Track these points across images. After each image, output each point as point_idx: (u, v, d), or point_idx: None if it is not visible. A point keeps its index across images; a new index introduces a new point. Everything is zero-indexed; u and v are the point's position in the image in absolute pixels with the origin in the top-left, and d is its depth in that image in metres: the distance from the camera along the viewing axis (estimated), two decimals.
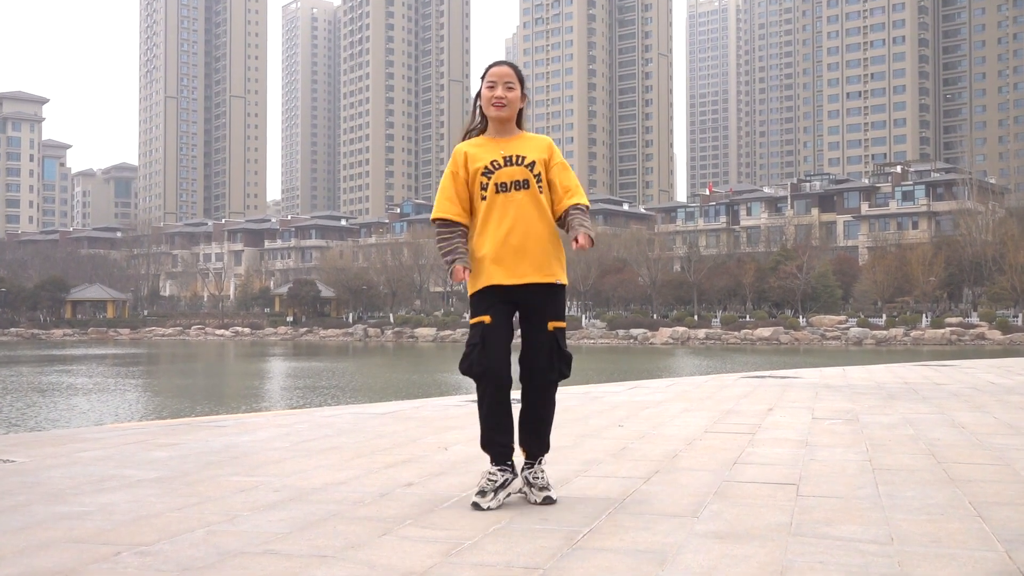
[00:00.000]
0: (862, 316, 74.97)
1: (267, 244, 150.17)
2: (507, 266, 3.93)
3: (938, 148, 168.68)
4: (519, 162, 3.99)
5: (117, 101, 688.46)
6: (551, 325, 3.99)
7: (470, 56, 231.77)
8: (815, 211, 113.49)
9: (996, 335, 66.03)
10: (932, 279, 76.30)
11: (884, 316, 74.67)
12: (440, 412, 7.72)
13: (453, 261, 3.91)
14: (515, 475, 4.00)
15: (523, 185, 3.97)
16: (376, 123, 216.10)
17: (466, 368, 3.95)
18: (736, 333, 73.57)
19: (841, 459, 5.15)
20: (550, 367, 3.99)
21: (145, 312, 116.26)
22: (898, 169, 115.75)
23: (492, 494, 3.87)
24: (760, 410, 7.87)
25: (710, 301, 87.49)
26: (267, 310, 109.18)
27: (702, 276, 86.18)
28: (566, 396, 9.50)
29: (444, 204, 4.01)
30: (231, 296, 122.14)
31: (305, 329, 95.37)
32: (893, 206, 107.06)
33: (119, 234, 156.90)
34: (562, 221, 4.06)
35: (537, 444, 4.04)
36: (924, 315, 72.94)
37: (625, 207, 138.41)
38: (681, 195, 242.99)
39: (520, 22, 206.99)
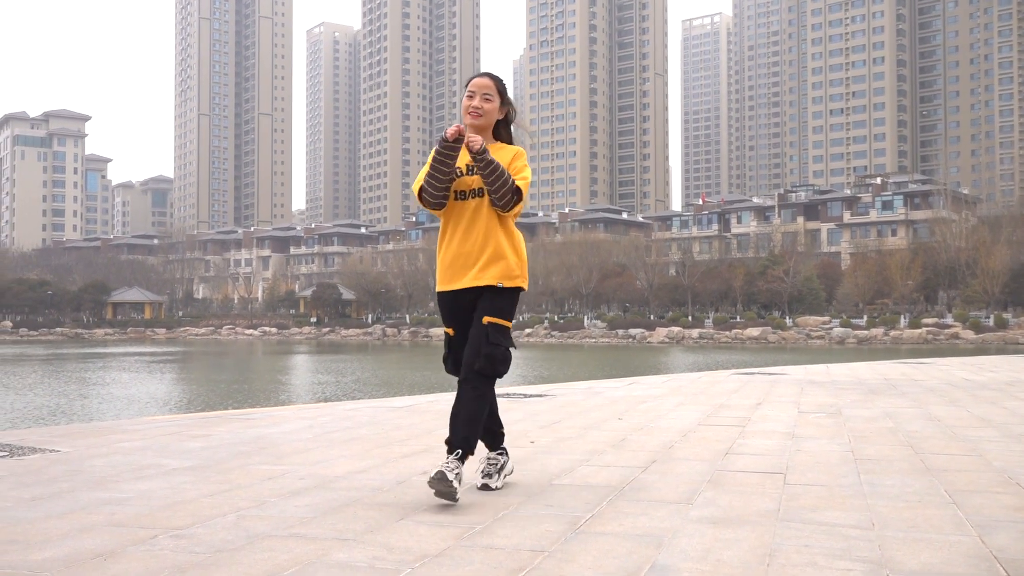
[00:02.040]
0: (845, 317, 74.83)
1: (292, 250, 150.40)
2: (453, 272, 3.85)
3: (915, 160, 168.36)
4: (474, 169, 3.83)
5: (154, 118, 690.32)
6: (486, 319, 3.77)
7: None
8: (800, 219, 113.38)
9: (969, 335, 65.87)
10: (910, 283, 76.16)
11: (865, 317, 74.54)
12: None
13: (441, 137, 3.68)
14: (508, 456, 4.08)
15: (478, 193, 3.82)
16: (393, 138, 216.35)
17: (449, 369, 4.00)
18: (727, 333, 73.46)
19: (825, 450, 5.14)
20: (474, 358, 3.74)
21: (180, 313, 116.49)
22: (878, 180, 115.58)
23: (497, 475, 3.94)
24: (750, 404, 7.85)
25: (703, 303, 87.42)
26: (292, 311, 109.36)
27: (695, 280, 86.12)
28: (570, 392, 9.50)
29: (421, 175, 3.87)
30: (259, 298, 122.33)
31: (327, 329, 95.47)
32: (873, 215, 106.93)
33: (156, 241, 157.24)
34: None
35: (458, 438, 3.71)
36: (902, 316, 72.78)
37: (624, 216, 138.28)
38: (676, 204, 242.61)
39: (527, 44, 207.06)
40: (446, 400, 8.34)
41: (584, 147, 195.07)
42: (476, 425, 3.77)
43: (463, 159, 3.86)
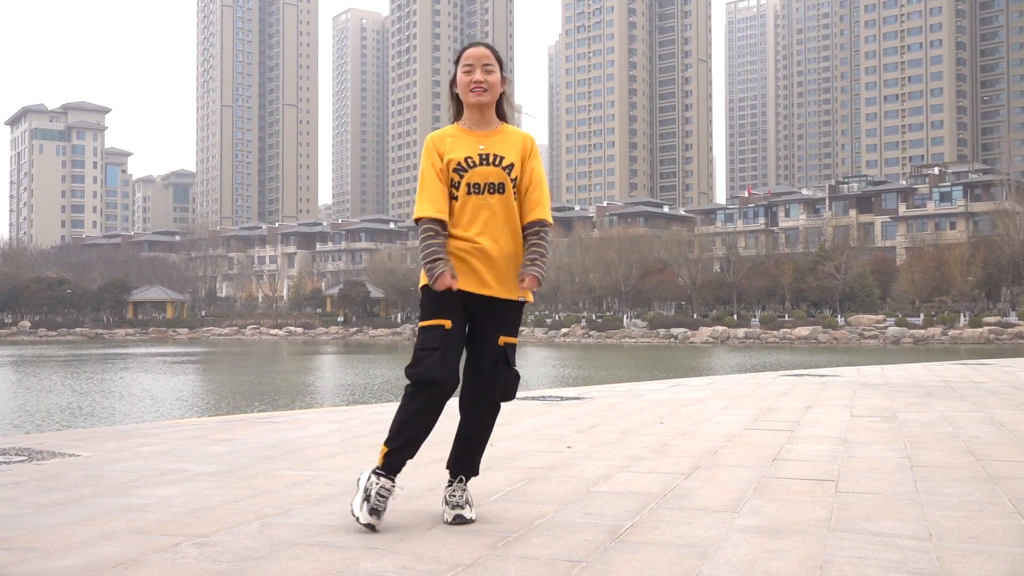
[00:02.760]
0: (900, 315, 74.07)
1: (319, 247, 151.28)
2: (471, 274, 3.50)
3: (976, 149, 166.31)
4: (496, 162, 3.53)
5: (175, 110, 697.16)
6: (502, 340, 3.55)
7: (514, 64, 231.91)
8: (853, 212, 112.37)
9: None
10: (970, 279, 75.21)
11: (922, 315, 73.73)
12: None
13: (440, 270, 3.44)
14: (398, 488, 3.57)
15: (498, 189, 3.52)
16: (422, 129, 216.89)
17: (417, 373, 3.48)
18: (775, 332, 72.97)
19: (880, 456, 5.10)
20: (493, 385, 3.55)
21: (202, 312, 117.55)
22: (936, 170, 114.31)
23: (382, 512, 3.43)
24: (799, 407, 7.81)
25: (749, 301, 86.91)
26: (319, 310, 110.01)
27: (741, 276, 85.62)
28: (608, 394, 9.49)
29: (426, 204, 3.53)
30: (284, 297, 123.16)
31: (355, 329, 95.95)
32: (931, 207, 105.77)
33: (178, 238, 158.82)
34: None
35: (468, 465, 3.65)
36: (962, 314, 71.92)
37: (665, 209, 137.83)
38: (720, 197, 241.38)
39: (562, 29, 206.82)
40: None
41: (623, 137, 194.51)
42: (484, 448, 3.74)
43: (474, 148, 3.56)
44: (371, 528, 3.36)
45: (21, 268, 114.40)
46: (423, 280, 3.55)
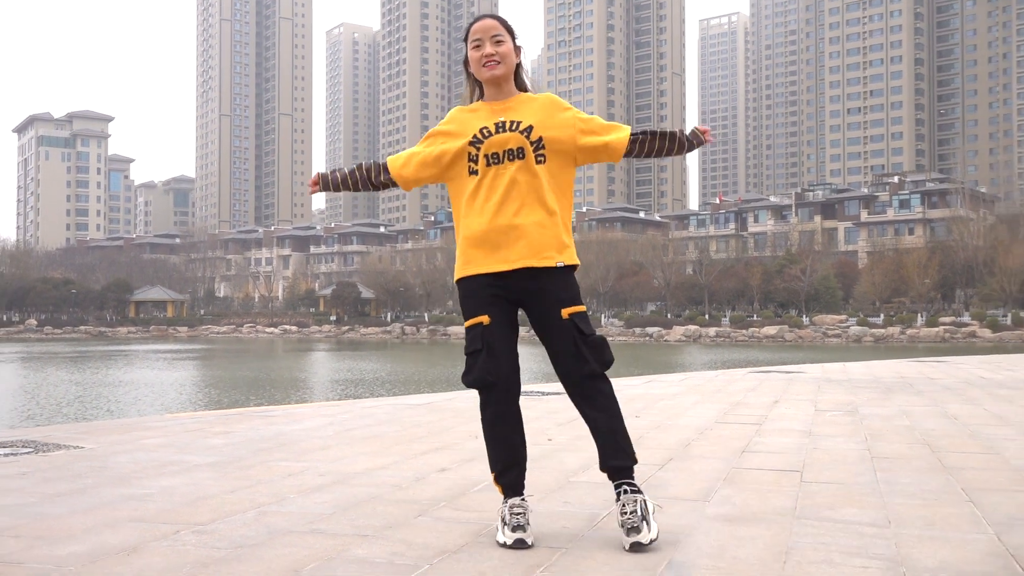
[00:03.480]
0: (861, 315, 74.41)
1: (312, 249, 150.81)
2: (495, 250, 3.07)
3: (933, 159, 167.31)
4: (513, 128, 3.12)
5: (176, 119, 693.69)
6: (565, 312, 3.06)
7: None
8: (818, 218, 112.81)
9: (987, 333, 65.37)
10: (927, 281, 75.66)
11: (882, 315, 74.10)
12: (471, 403, 7.72)
13: (325, 174, 3.33)
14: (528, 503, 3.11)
15: (517, 154, 3.09)
16: (412, 137, 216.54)
17: (472, 380, 3.09)
18: (744, 331, 73.21)
19: (842, 448, 5.12)
20: (582, 363, 3.04)
21: (202, 311, 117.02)
22: (895, 179, 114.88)
23: (527, 527, 2.98)
24: (766, 402, 7.83)
25: (720, 302, 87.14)
26: (312, 310, 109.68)
27: (713, 279, 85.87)
28: None
29: (403, 157, 3.31)
30: (280, 297, 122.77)
31: (347, 327, 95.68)
32: (891, 213, 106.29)
33: (178, 240, 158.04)
34: (630, 152, 3.23)
35: (615, 455, 3.04)
36: (919, 315, 72.32)
37: (641, 215, 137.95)
38: (693, 203, 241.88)
39: (545, 44, 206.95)
40: (464, 398, 8.35)
41: None
42: (624, 425, 3.12)
43: (491, 119, 3.18)
44: (522, 543, 2.91)
45: (28, 269, 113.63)
46: (455, 274, 3.20)
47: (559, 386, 10.02)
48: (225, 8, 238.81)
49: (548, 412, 7.07)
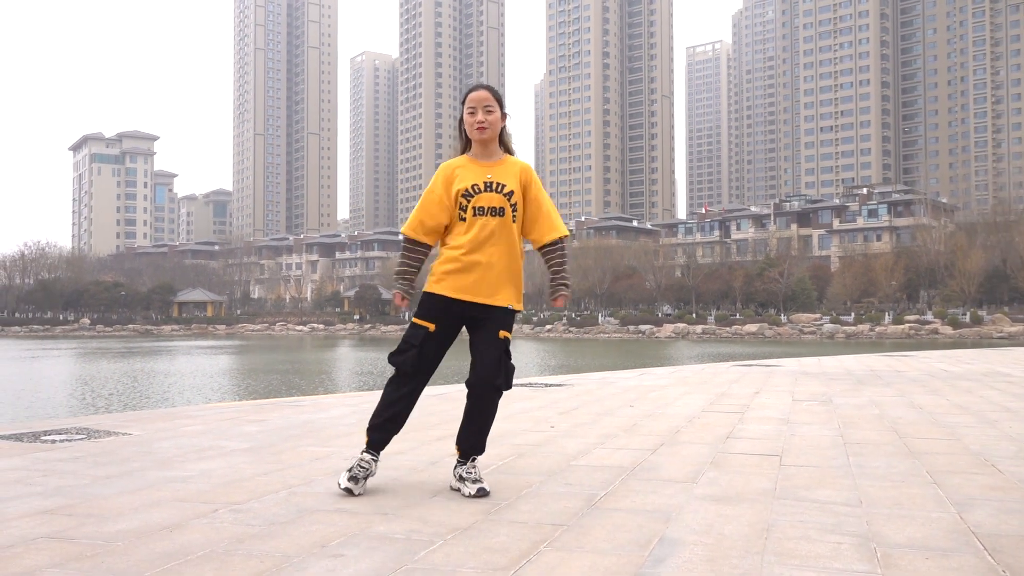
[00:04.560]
0: (834, 314, 74.24)
1: (338, 255, 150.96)
2: (465, 283, 3.46)
3: (898, 172, 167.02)
4: (499, 189, 3.49)
5: (215, 137, 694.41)
6: (502, 334, 3.48)
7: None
8: (794, 226, 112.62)
9: (948, 330, 65.15)
10: (893, 283, 75.53)
11: (853, 314, 73.90)
12: None
13: (397, 287, 3.59)
14: (377, 466, 3.57)
15: (498, 212, 3.47)
16: (427, 154, 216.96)
17: (398, 363, 3.52)
18: (728, 328, 73.08)
19: (817, 434, 5.10)
20: (498, 372, 3.46)
21: (238, 311, 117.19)
22: (864, 190, 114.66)
23: (363, 481, 3.45)
24: (748, 393, 7.81)
25: (706, 302, 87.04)
26: (337, 309, 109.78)
27: (699, 281, 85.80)
28: (585, 381, 9.48)
29: (414, 223, 3.59)
30: (308, 298, 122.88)
31: (369, 326, 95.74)
32: (860, 222, 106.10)
33: (216, 247, 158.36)
34: (542, 249, 3.64)
35: (474, 445, 3.52)
36: (887, 313, 72.14)
37: (634, 223, 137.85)
38: (681, 213, 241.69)
39: (546, 70, 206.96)
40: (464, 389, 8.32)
41: (598, 161, 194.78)
42: (490, 428, 3.60)
43: (480, 177, 3.52)
44: (349, 492, 3.39)
45: (82, 273, 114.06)
46: (426, 286, 3.56)
47: (560, 379, 10.01)
48: (259, 38, 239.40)
49: (551, 402, 7.06)
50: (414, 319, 3.53)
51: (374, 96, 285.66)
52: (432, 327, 3.50)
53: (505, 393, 3.75)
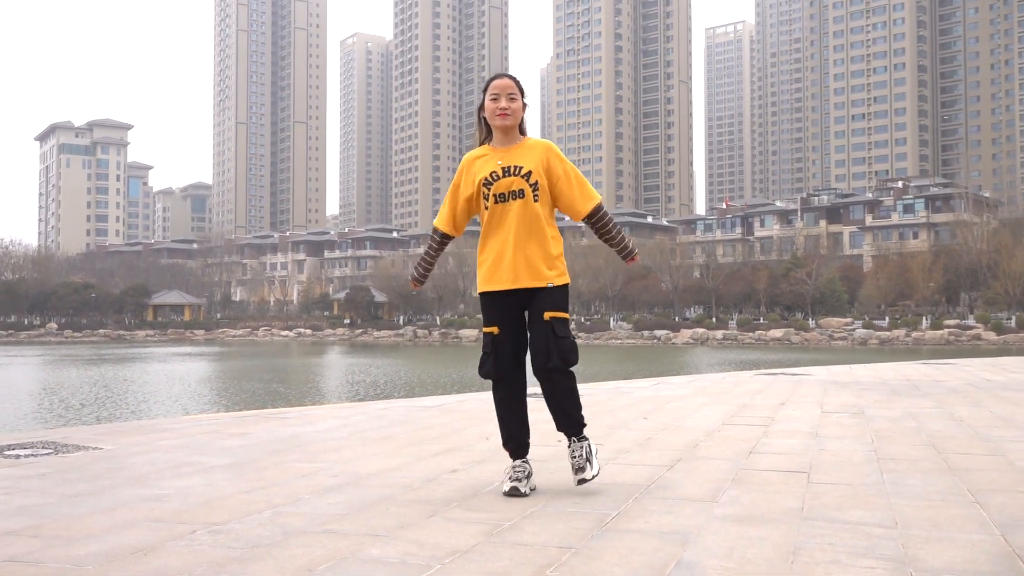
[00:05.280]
0: (867, 318, 74.18)
1: (326, 254, 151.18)
2: (501, 273, 3.81)
3: (936, 164, 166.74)
4: (516, 172, 3.81)
5: (193, 126, 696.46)
6: (547, 315, 3.77)
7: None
8: (823, 223, 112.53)
9: (991, 336, 65.08)
10: (931, 285, 75.45)
11: (887, 318, 73.86)
12: (483, 405, 7.72)
13: (410, 274, 4.03)
14: (530, 467, 3.93)
15: (518, 195, 3.80)
16: (424, 144, 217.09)
17: (484, 374, 3.88)
18: (751, 334, 73.06)
19: (849, 449, 5.09)
20: (548, 358, 3.75)
21: (218, 315, 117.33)
22: (899, 184, 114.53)
23: (526, 480, 3.80)
24: (773, 404, 7.80)
25: (727, 305, 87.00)
26: (326, 313, 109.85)
27: (719, 282, 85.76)
28: (597, 391, 9.48)
29: (441, 217, 4.02)
30: (294, 301, 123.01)
31: (360, 331, 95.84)
32: (895, 218, 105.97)
33: (195, 245, 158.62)
34: (591, 220, 3.96)
35: (565, 423, 3.85)
36: (924, 317, 72.05)
37: (649, 220, 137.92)
38: (700, 208, 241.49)
39: (554, 53, 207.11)
40: (476, 400, 8.34)
41: (610, 152, 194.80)
42: (578, 403, 3.88)
43: (494, 163, 3.86)
44: (516, 491, 3.74)
45: (49, 274, 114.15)
46: (478, 287, 3.93)
47: None
48: (242, 19, 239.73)
49: None
50: (483, 328, 3.91)
51: (366, 82, 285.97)
52: (496, 330, 3.85)
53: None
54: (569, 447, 3.86)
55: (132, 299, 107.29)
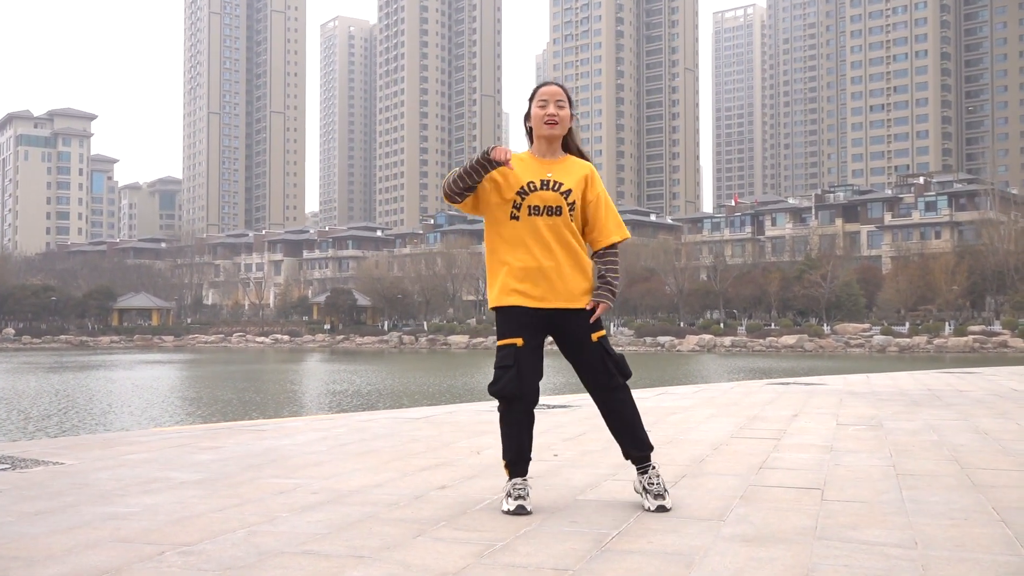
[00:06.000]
0: (885, 324, 74.29)
1: (305, 254, 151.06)
2: (535, 291, 3.86)
3: (960, 159, 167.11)
4: (556, 188, 3.89)
5: (162, 117, 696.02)
6: (595, 336, 3.91)
7: (501, 72, 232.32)
8: (839, 221, 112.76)
9: (1019, 343, 65.20)
10: (955, 288, 75.59)
11: (907, 324, 73.97)
12: (473, 417, 7.73)
13: (489, 149, 3.77)
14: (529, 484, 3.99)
15: (555, 212, 3.87)
16: (411, 137, 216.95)
17: (498, 390, 3.86)
18: (761, 340, 73.13)
19: (865, 464, 5.11)
20: (610, 376, 3.90)
21: (188, 320, 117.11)
22: (921, 180, 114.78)
23: (527, 497, 3.83)
24: (785, 416, 7.82)
25: (736, 309, 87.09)
26: (305, 318, 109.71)
27: (728, 285, 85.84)
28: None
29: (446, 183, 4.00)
30: (271, 304, 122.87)
31: (342, 336, 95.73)
32: (916, 216, 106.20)
33: (164, 245, 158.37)
34: (599, 254, 4.08)
35: (636, 446, 3.94)
36: (947, 323, 72.18)
37: (652, 217, 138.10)
38: (707, 206, 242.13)
39: (550, 38, 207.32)
40: (465, 411, 8.34)
41: (610, 146, 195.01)
42: (643, 425, 4.01)
43: (538, 174, 3.91)
44: (522, 509, 3.77)
45: (5, 275, 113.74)
46: (492, 301, 3.95)
47: (564, 399, 10.02)
48: (214, 0, 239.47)
49: (554, 426, 7.07)
50: (499, 342, 3.91)
51: (348, 69, 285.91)
52: (520, 342, 3.86)
53: (498, 417, 3.95)
54: (645, 474, 3.92)
55: (96, 302, 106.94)
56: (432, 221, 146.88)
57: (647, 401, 9.57)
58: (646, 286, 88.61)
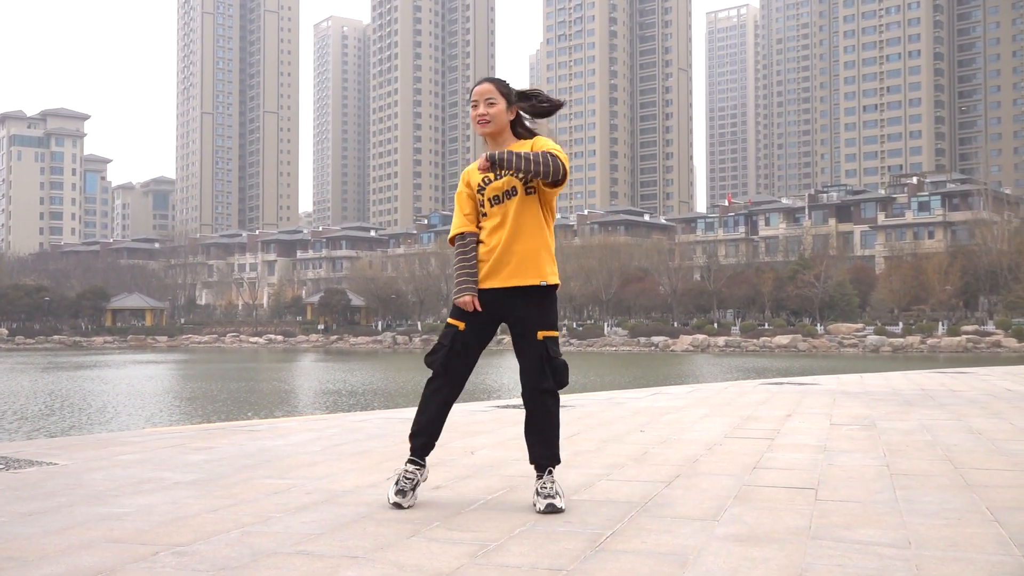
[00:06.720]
0: (879, 324, 74.44)
1: (299, 254, 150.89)
2: (491, 271, 3.93)
3: (954, 159, 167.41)
4: (504, 174, 3.95)
5: (155, 117, 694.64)
6: (540, 335, 3.89)
7: (495, 72, 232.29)
8: (832, 221, 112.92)
9: (1012, 343, 65.37)
10: (948, 288, 75.77)
11: (901, 324, 74.13)
12: (467, 417, 7.72)
13: (464, 296, 3.89)
14: (426, 471, 4.04)
15: (512, 193, 3.92)
16: (404, 137, 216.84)
17: (430, 363, 4.00)
18: (755, 340, 73.24)
19: (859, 464, 5.12)
20: (542, 378, 3.88)
21: (182, 320, 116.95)
22: (914, 180, 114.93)
23: (412, 493, 3.92)
24: (779, 416, 7.83)
25: (729, 309, 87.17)
26: (299, 318, 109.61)
27: (721, 285, 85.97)
28: (589, 402, 9.49)
29: (456, 222, 4.07)
30: (264, 305, 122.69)
31: (336, 337, 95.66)
32: (909, 216, 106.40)
33: (157, 245, 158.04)
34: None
35: (543, 455, 3.92)
36: (940, 323, 72.36)
37: (646, 218, 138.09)
38: (700, 206, 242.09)
39: (543, 38, 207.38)
40: (458, 411, 8.33)
41: (604, 146, 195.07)
42: (558, 434, 3.97)
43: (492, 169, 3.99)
44: (397, 507, 3.86)
45: None
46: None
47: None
48: (207, 0, 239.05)
49: None
50: (448, 319, 4.00)
51: (342, 69, 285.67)
52: (462, 326, 3.94)
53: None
54: (541, 478, 3.88)
55: (89, 303, 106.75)
56: (426, 221, 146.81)
57: (640, 401, 9.57)
58: (640, 286, 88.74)
